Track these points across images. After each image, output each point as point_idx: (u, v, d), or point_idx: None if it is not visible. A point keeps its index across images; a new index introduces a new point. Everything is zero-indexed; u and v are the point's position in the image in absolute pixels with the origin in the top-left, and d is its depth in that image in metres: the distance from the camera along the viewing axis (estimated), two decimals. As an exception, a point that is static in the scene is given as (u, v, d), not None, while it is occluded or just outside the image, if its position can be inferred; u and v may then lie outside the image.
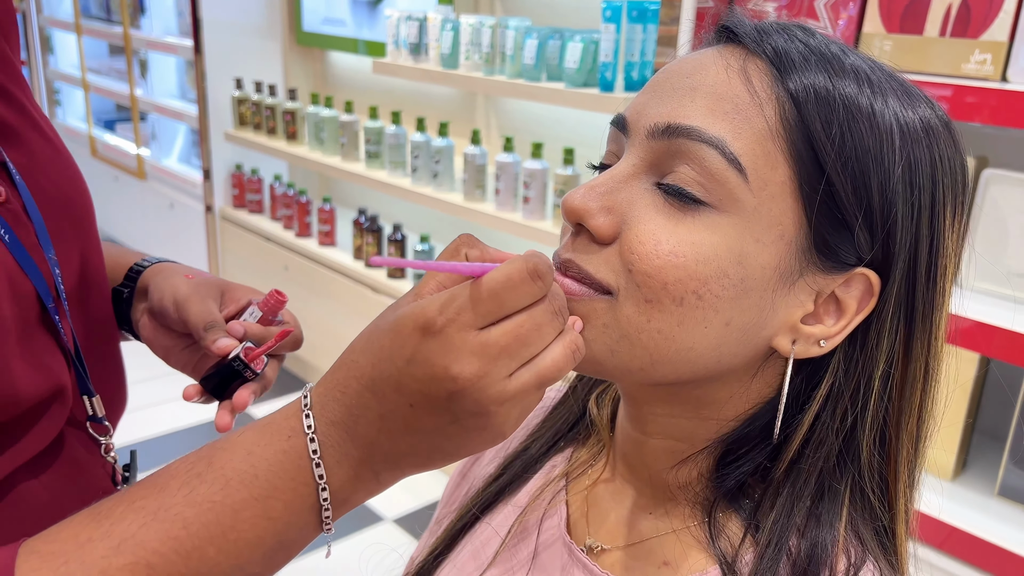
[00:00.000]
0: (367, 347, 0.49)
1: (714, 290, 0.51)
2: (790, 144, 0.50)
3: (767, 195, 0.50)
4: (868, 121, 0.50)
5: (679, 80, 0.54)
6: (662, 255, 0.50)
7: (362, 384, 0.48)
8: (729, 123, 0.51)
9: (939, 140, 0.53)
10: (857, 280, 0.53)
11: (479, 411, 0.46)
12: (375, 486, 0.51)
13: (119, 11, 4.17)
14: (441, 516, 0.75)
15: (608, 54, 2.02)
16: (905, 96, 0.53)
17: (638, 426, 0.61)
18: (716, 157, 0.50)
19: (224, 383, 0.70)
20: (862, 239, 0.51)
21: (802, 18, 1.60)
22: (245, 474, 0.48)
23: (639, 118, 0.55)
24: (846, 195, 0.50)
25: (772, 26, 0.54)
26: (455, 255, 0.50)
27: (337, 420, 0.49)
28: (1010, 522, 1.42)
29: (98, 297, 0.75)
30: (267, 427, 0.50)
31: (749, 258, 0.51)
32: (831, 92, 0.50)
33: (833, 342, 0.53)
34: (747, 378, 0.56)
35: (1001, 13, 1.36)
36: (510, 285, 0.45)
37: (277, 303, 0.74)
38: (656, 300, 0.51)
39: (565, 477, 0.67)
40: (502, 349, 0.45)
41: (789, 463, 0.55)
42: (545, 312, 0.47)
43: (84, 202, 0.73)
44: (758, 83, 0.51)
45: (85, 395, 0.69)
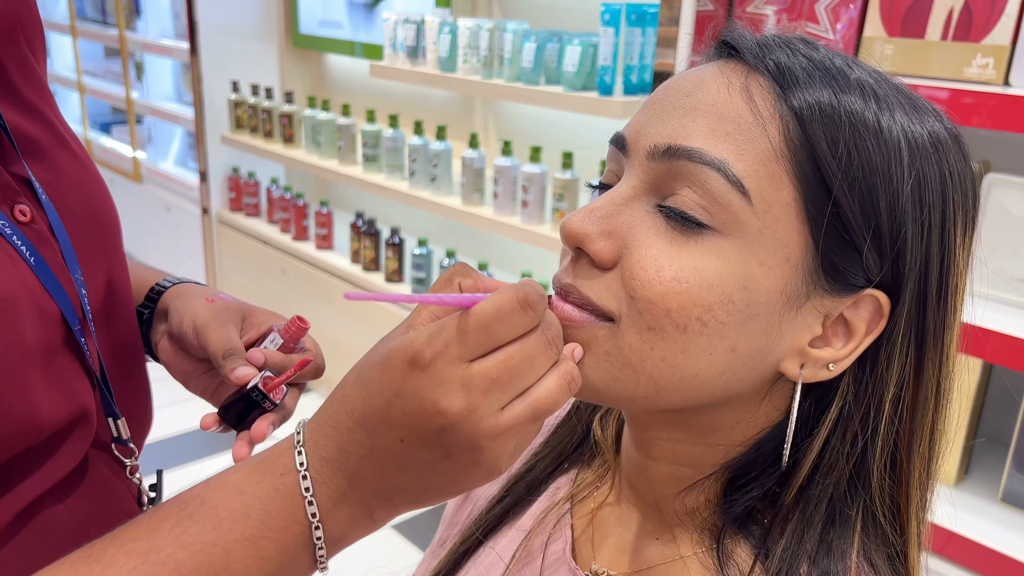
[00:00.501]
0: (358, 381, 0.47)
1: (719, 316, 0.49)
2: (795, 164, 0.49)
3: (772, 217, 0.49)
4: (875, 137, 0.49)
5: (679, 98, 0.52)
6: (664, 281, 0.49)
7: (353, 419, 0.47)
8: (731, 144, 0.49)
9: (949, 154, 0.51)
10: (866, 301, 0.51)
11: (471, 445, 0.45)
12: (369, 524, 0.49)
13: (114, 13, 4.15)
14: (444, 538, 0.74)
15: (607, 57, 2.01)
16: (912, 109, 0.51)
17: (643, 450, 0.60)
18: (718, 180, 0.49)
19: (243, 413, 0.68)
20: (871, 260, 0.50)
21: (802, 22, 1.59)
22: (237, 513, 0.47)
23: (639, 138, 0.53)
24: (854, 216, 0.49)
25: (774, 40, 0.53)
26: (448, 284, 0.49)
27: (329, 456, 0.47)
28: (1013, 528, 1.41)
29: (124, 317, 0.74)
30: (260, 464, 0.49)
31: (754, 282, 0.49)
32: (836, 108, 0.49)
33: (842, 365, 0.52)
34: (754, 403, 0.55)
35: (1003, 17, 1.35)
36: (499, 316, 0.44)
37: (299, 330, 0.72)
38: (659, 327, 0.49)
39: (570, 500, 0.66)
40: (492, 381, 0.44)
41: (799, 488, 0.54)
42: (537, 343, 0.45)
43: (111, 220, 0.72)
44: (760, 101, 0.50)
45: (110, 417, 0.68)
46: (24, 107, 0.65)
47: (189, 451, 2.74)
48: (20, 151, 0.64)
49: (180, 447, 2.76)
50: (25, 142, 0.64)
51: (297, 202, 3.18)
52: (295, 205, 3.18)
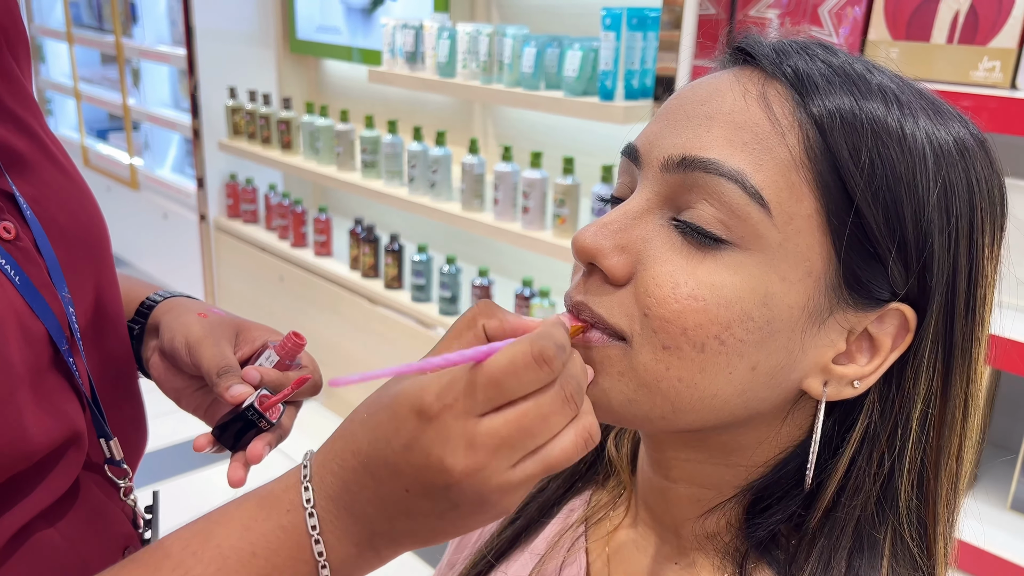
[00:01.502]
0: (366, 421, 0.45)
1: (738, 334, 0.47)
2: (816, 174, 0.47)
3: (792, 230, 0.47)
4: (899, 145, 0.47)
5: (694, 108, 0.50)
6: (680, 299, 0.47)
7: (359, 461, 0.45)
8: (749, 154, 0.47)
9: (975, 160, 0.49)
10: (891, 316, 0.49)
11: (479, 500, 0.43)
12: (377, 561, 0.48)
13: (111, 20, 4.14)
14: (452, 561, 0.72)
15: (608, 62, 2.00)
16: (936, 114, 0.49)
17: (661, 471, 0.58)
18: (736, 191, 0.47)
19: (239, 433, 0.66)
20: (896, 273, 0.48)
21: (805, 25, 1.58)
22: (243, 552, 0.45)
23: (652, 149, 0.51)
24: (878, 227, 0.47)
25: (792, 46, 0.51)
26: (472, 326, 0.46)
27: (335, 496, 0.46)
28: (1023, 536, 1.40)
29: (115, 333, 0.72)
30: (265, 499, 0.47)
31: (775, 298, 0.48)
32: (858, 115, 0.47)
33: (867, 382, 0.50)
34: (776, 422, 0.53)
35: (1010, 19, 1.34)
36: (512, 371, 0.41)
37: (295, 347, 0.70)
38: (675, 347, 0.48)
39: (584, 523, 0.64)
40: (503, 441, 0.42)
41: (824, 511, 0.52)
42: (554, 400, 0.42)
43: (100, 233, 0.70)
44: (779, 109, 0.48)
45: (102, 438, 0.66)
46: (8, 119, 0.63)
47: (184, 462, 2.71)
48: (4, 165, 0.62)
49: (175, 458, 2.73)
50: (9, 155, 0.62)
51: (295, 209, 3.16)
52: (293, 212, 3.17)
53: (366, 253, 2.86)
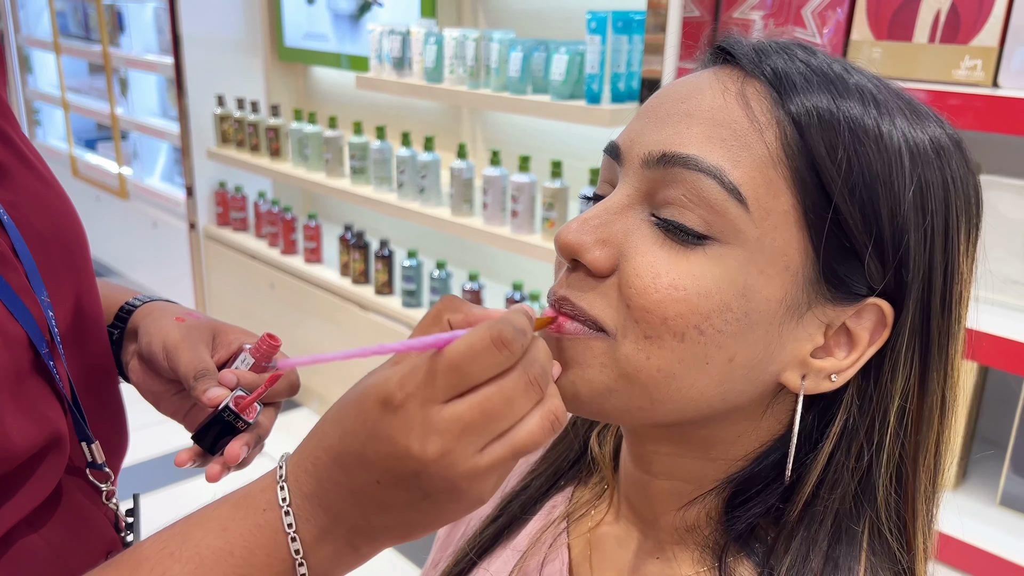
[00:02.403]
0: (336, 417, 0.46)
1: (717, 325, 0.48)
2: (793, 171, 0.48)
3: (770, 225, 0.48)
4: (875, 143, 0.48)
5: (674, 105, 0.51)
6: (661, 288, 0.48)
7: (331, 457, 0.46)
8: (727, 150, 0.48)
9: (950, 160, 0.50)
10: (869, 311, 0.50)
11: (449, 487, 0.43)
12: (355, 559, 0.48)
13: (98, 29, 4.13)
14: (437, 559, 0.72)
15: (594, 66, 2.00)
16: (913, 114, 0.50)
17: (642, 465, 0.58)
18: (715, 187, 0.48)
19: (217, 436, 0.67)
20: (873, 268, 0.49)
21: (789, 26, 1.59)
22: (220, 551, 0.46)
23: (633, 146, 0.52)
24: (854, 223, 0.48)
25: (771, 46, 0.51)
26: (437, 322, 0.47)
27: (310, 493, 0.46)
28: (1012, 532, 1.40)
29: (95, 337, 0.72)
30: (242, 499, 0.48)
31: (753, 291, 0.48)
32: (835, 114, 0.48)
33: (845, 376, 0.51)
34: (756, 416, 0.54)
35: (991, 18, 1.35)
36: (471, 356, 0.42)
37: (270, 348, 0.70)
38: (656, 336, 0.48)
39: (566, 519, 0.64)
40: (467, 425, 0.42)
41: (803, 504, 0.52)
42: (517, 384, 0.43)
43: (78, 238, 0.70)
44: (757, 107, 0.49)
45: (83, 441, 0.67)
46: None
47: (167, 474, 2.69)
48: None
49: (158, 470, 2.72)
50: None
51: (285, 216, 3.16)
52: (283, 219, 3.16)
53: (356, 259, 2.86)
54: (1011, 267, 1.39)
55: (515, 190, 2.26)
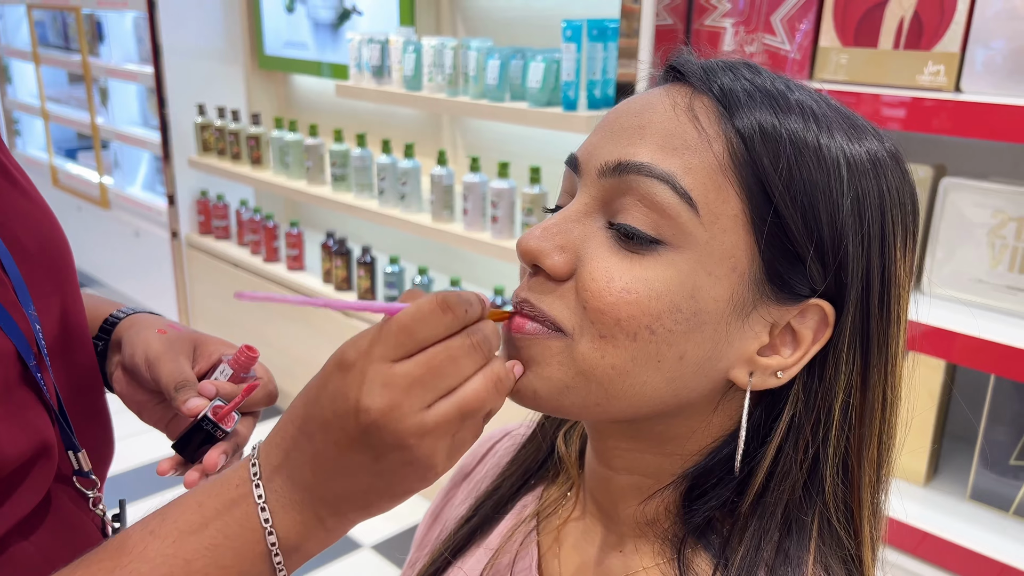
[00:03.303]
0: (303, 391, 0.50)
1: (667, 324, 0.51)
2: (740, 178, 0.51)
3: (719, 229, 0.51)
4: (815, 155, 0.51)
5: (628, 119, 0.54)
6: (615, 292, 0.51)
7: (296, 426, 0.50)
8: (679, 159, 0.51)
9: (887, 171, 0.53)
10: (812, 311, 0.53)
11: (398, 444, 0.47)
12: (323, 533, 0.51)
13: (77, 39, 4.13)
14: (414, 560, 0.74)
15: (570, 73, 2.03)
16: (852, 129, 0.53)
17: (604, 461, 0.61)
18: (667, 192, 0.50)
19: (197, 446, 0.69)
20: (814, 270, 0.52)
21: (759, 34, 1.62)
22: (195, 524, 0.49)
23: (590, 158, 0.55)
24: (796, 227, 0.51)
25: (718, 65, 0.55)
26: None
27: (278, 465, 0.50)
28: (982, 525, 1.44)
29: (81, 349, 0.74)
30: (218, 479, 0.51)
31: (702, 291, 0.51)
32: (777, 128, 0.51)
33: (790, 373, 0.54)
34: (707, 412, 0.56)
35: (952, 24, 1.38)
36: (419, 317, 0.47)
37: (248, 360, 0.73)
38: (610, 336, 0.51)
39: (536, 517, 0.67)
40: (414, 380, 0.46)
41: (755, 497, 0.55)
42: (461, 345, 0.48)
43: (62, 251, 0.72)
44: (705, 120, 0.52)
45: (70, 450, 0.68)
46: None
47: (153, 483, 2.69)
48: None
49: (143, 479, 2.72)
50: None
51: (267, 224, 3.17)
52: (265, 227, 3.17)
53: (338, 266, 2.87)
54: (976, 267, 1.43)
55: (495, 196, 2.28)
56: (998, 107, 1.28)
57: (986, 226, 1.40)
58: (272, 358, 0.76)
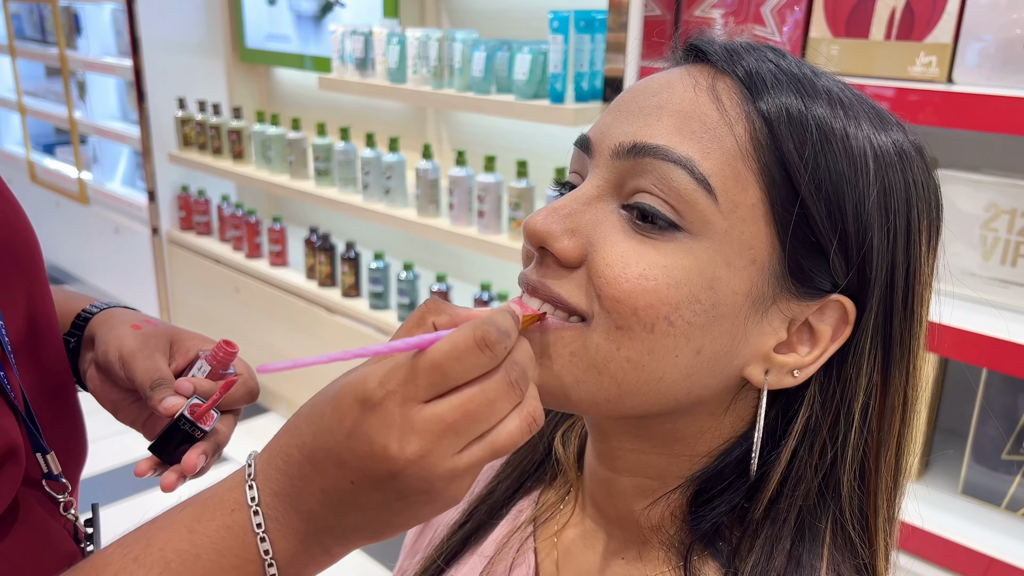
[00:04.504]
0: (311, 414, 0.45)
1: (685, 316, 0.48)
2: (761, 165, 0.48)
3: (738, 218, 0.48)
4: (842, 144, 0.49)
5: (645, 99, 0.52)
6: (631, 278, 0.48)
7: (303, 455, 0.45)
8: (697, 142, 0.49)
9: (912, 164, 0.51)
10: (832, 307, 0.51)
11: (425, 488, 0.43)
12: (327, 559, 0.47)
13: (54, 32, 4.06)
14: (404, 567, 0.72)
15: (557, 65, 2.01)
16: (878, 119, 0.51)
17: (607, 463, 0.58)
18: (685, 177, 0.48)
19: (175, 446, 0.66)
20: (837, 264, 0.49)
21: (749, 24, 1.60)
22: (186, 554, 0.45)
23: (603, 138, 0.52)
24: (820, 219, 0.48)
25: (742, 46, 0.52)
26: (422, 324, 0.46)
27: (280, 491, 0.45)
28: (973, 520, 1.43)
29: (49, 346, 0.70)
30: (209, 500, 0.46)
31: (720, 283, 0.49)
32: (804, 113, 0.49)
33: (807, 372, 0.51)
34: (719, 412, 0.54)
35: (944, 15, 1.37)
36: (455, 356, 0.42)
37: (226, 355, 0.69)
38: (627, 327, 0.48)
39: (532, 523, 0.64)
40: (448, 427, 0.42)
41: (768, 502, 0.52)
42: (500, 386, 0.43)
43: (29, 245, 0.68)
44: (727, 101, 0.50)
45: (38, 452, 0.65)
46: None
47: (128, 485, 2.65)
48: None
49: (119, 481, 2.67)
50: None
51: (249, 219, 3.13)
52: (247, 222, 3.13)
53: (322, 262, 2.84)
54: (968, 260, 1.42)
55: (481, 190, 2.26)
56: (990, 98, 1.27)
57: (978, 219, 1.39)
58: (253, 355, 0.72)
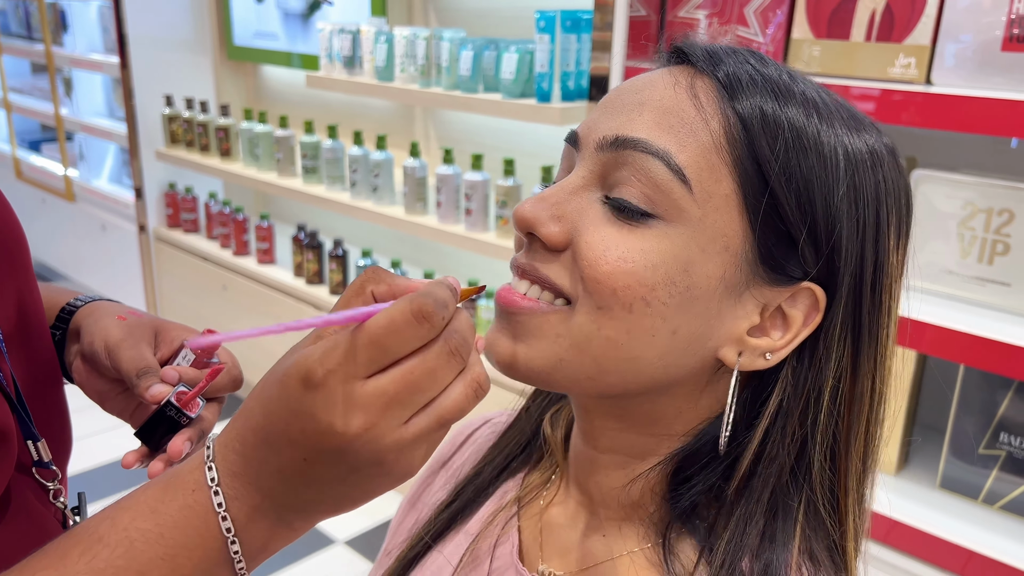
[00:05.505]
0: (260, 396, 0.46)
1: (661, 297, 0.52)
2: (735, 159, 0.52)
3: (712, 207, 0.51)
4: (814, 143, 0.52)
5: (629, 96, 0.55)
6: (611, 261, 0.51)
7: (258, 437, 0.46)
8: (674, 136, 0.52)
9: (883, 164, 0.54)
10: (803, 294, 0.53)
11: (376, 460, 0.44)
12: (289, 533, 0.49)
13: (40, 28, 4.04)
14: (390, 547, 0.74)
15: (544, 64, 2.02)
16: (852, 122, 0.54)
17: (590, 441, 0.61)
18: (661, 168, 0.51)
19: (162, 434, 0.67)
20: (807, 253, 0.52)
21: (733, 25, 1.62)
22: (149, 533, 0.46)
23: (590, 132, 0.56)
24: (790, 208, 0.51)
25: (723, 50, 0.55)
26: (361, 293, 0.47)
27: (239, 472, 0.46)
28: (952, 514, 1.45)
29: (38, 338, 0.71)
30: (171, 481, 0.48)
31: (695, 266, 0.52)
32: (778, 114, 0.52)
33: (779, 355, 0.54)
34: (696, 392, 0.57)
35: (923, 17, 1.39)
36: (393, 329, 0.43)
37: (210, 344, 0.71)
38: (607, 307, 0.52)
39: (517, 502, 0.66)
40: (391, 398, 0.43)
41: (742, 480, 0.55)
42: (439, 355, 0.44)
43: (17, 239, 0.69)
44: (704, 99, 0.53)
45: (29, 440, 0.66)
46: None
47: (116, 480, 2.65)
48: None
49: (108, 476, 2.68)
50: None
51: (236, 216, 3.13)
52: (235, 220, 3.13)
53: (310, 259, 2.84)
54: (946, 258, 1.44)
55: (468, 188, 2.27)
56: (968, 99, 1.29)
57: (956, 218, 1.42)
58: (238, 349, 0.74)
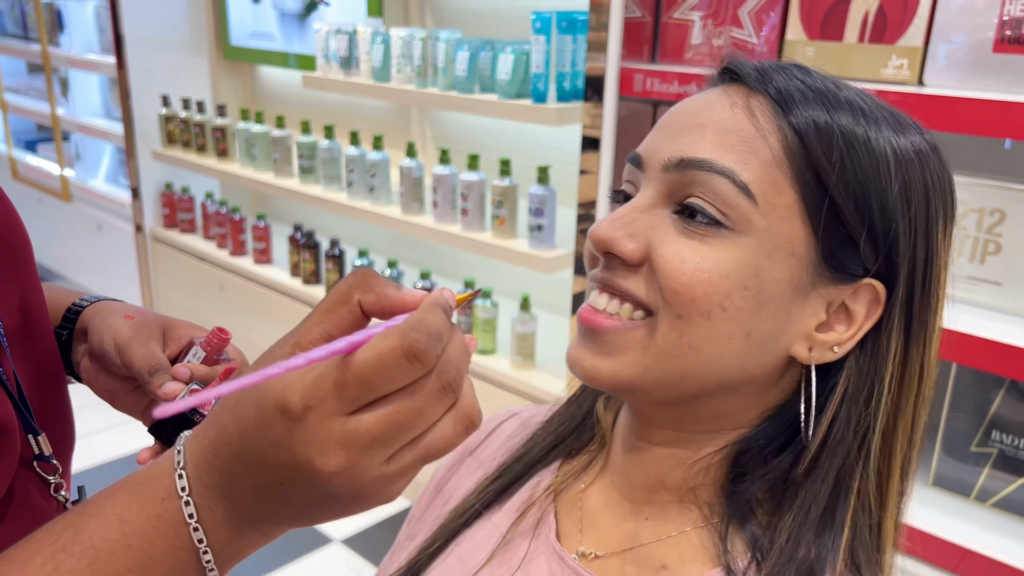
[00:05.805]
0: (235, 411, 0.43)
1: (736, 302, 0.56)
2: (794, 170, 0.56)
3: (776, 217, 0.56)
4: (865, 147, 0.56)
5: (688, 118, 0.59)
6: (688, 271, 0.55)
7: (232, 452, 0.43)
8: (737, 154, 0.56)
9: (929, 162, 0.58)
10: (864, 290, 0.58)
11: (355, 493, 0.43)
12: (262, 539, 0.47)
13: (36, 28, 4.04)
14: (413, 532, 0.75)
15: (539, 65, 2.03)
16: (897, 124, 0.58)
17: (643, 437, 0.64)
18: (727, 185, 0.55)
19: (174, 431, 0.68)
20: (867, 252, 0.57)
21: (727, 27, 1.63)
22: (117, 544, 0.44)
23: (653, 154, 0.60)
24: (849, 213, 0.55)
25: (771, 66, 0.60)
26: (346, 301, 0.44)
27: (212, 483, 0.44)
28: (944, 511, 1.46)
29: (41, 337, 0.72)
30: (139, 488, 0.46)
31: (764, 272, 0.56)
32: (830, 124, 0.56)
33: (845, 347, 0.58)
34: (766, 387, 0.61)
35: (916, 19, 1.40)
36: (381, 368, 0.40)
37: (221, 341, 0.72)
38: (687, 315, 0.56)
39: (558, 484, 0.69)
40: (373, 439, 0.41)
41: (810, 462, 0.59)
42: (429, 394, 0.41)
43: (20, 239, 0.70)
44: (761, 117, 0.57)
45: (30, 434, 0.66)
46: None
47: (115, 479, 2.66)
48: None
49: (115, 473, 2.69)
50: None
51: (233, 216, 3.13)
52: (231, 220, 3.13)
53: (306, 259, 2.85)
54: (939, 257, 1.45)
55: (465, 188, 2.28)
56: (960, 101, 1.31)
57: (948, 217, 1.43)
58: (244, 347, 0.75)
